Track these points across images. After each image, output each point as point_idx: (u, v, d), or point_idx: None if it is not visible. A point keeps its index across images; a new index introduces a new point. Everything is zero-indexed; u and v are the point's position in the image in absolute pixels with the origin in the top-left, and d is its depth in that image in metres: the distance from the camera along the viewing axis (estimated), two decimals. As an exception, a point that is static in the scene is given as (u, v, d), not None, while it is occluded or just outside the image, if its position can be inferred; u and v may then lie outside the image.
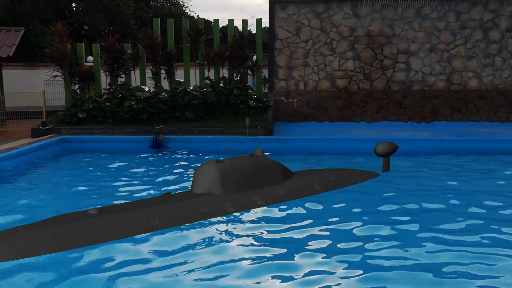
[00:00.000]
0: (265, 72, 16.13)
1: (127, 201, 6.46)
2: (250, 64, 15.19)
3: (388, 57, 15.13)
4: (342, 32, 15.10)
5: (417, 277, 4.26)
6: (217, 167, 6.43)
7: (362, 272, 4.39)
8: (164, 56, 14.93)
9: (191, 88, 14.65)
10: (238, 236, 5.38)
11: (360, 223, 5.79)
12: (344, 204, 6.61)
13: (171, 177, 8.62)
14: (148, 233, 5.31)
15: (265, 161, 7.12)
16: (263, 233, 5.49)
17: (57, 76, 14.48)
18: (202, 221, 5.78)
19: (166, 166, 9.83)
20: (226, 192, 6.32)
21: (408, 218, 6.02)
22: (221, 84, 14.54)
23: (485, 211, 6.38)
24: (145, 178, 8.49)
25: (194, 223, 5.71)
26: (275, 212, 6.26)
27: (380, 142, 8.47)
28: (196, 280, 4.27)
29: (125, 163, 10.08)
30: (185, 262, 4.63)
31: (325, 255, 4.77)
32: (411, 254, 4.79)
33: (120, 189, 7.62)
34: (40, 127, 12.99)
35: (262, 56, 15.64)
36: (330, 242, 5.15)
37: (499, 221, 5.93)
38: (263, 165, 6.99)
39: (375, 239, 5.23)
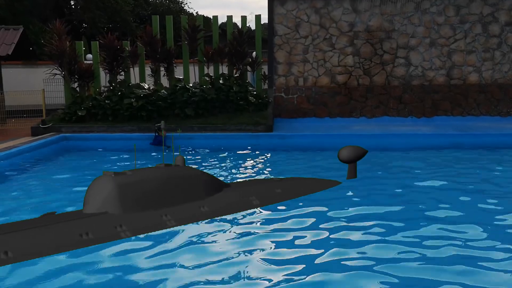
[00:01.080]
0: (265, 69, 16.10)
1: None
2: (250, 60, 15.16)
3: (387, 52, 15.10)
4: (342, 27, 15.06)
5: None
6: (114, 181, 5.36)
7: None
8: (163, 53, 14.90)
9: (191, 85, 14.63)
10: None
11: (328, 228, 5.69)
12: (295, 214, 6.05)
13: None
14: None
15: (185, 172, 6.05)
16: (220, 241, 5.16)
17: (56, 74, 14.47)
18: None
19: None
20: (125, 212, 5.26)
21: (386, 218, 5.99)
22: (220, 81, 14.53)
23: (484, 206, 6.38)
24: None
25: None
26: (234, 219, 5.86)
27: (345, 147, 7.68)
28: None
29: (125, 161, 10.08)
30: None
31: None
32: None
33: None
34: (40, 126, 13.00)
35: (262, 52, 15.61)
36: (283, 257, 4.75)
37: (498, 217, 5.92)
38: (181, 177, 5.93)
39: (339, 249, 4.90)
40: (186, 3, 47.42)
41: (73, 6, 31.61)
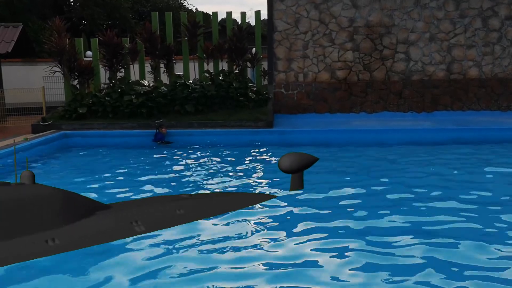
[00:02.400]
0: (265, 65, 16.09)
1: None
2: (250, 56, 15.15)
3: (387, 47, 15.08)
4: (341, 23, 15.04)
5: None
6: None
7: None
8: (163, 50, 14.89)
9: (191, 81, 14.63)
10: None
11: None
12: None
13: (170, 171, 8.64)
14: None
15: (28, 193, 4.67)
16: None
17: (56, 71, 14.47)
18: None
19: (166, 160, 9.84)
20: None
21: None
22: (220, 77, 14.52)
23: (484, 202, 6.39)
24: (145, 173, 8.51)
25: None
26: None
27: (287, 154, 6.66)
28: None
29: (125, 158, 10.10)
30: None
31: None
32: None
33: (121, 184, 7.64)
34: (40, 123, 13.00)
35: (262, 48, 15.60)
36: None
37: (498, 214, 5.93)
38: (19, 200, 4.54)
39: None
40: (185, 0, 47.32)
41: (72, 3, 31.56)
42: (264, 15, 31.63)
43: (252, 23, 18.86)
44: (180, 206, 5.63)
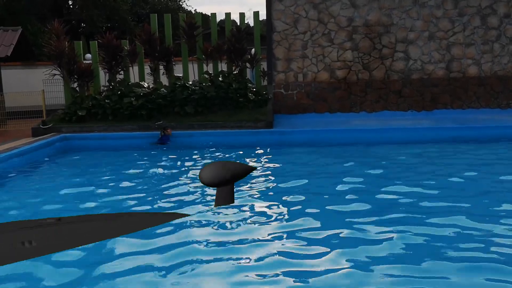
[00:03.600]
0: (264, 65, 16.09)
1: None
2: (249, 57, 15.16)
3: (386, 46, 15.08)
4: (340, 22, 15.04)
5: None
6: None
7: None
8: (162, 52, 14.90)
9: (190, 83, 14.64)
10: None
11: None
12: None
13: (172, 172, 8.65)
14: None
15: None
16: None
17: (55, 74, 14.48)
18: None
19: (167, 162, 9.85)
20: None
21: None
22: (220, 78, 14.53)
23: (482, 201, 6.39)
24: (146, 174, 8.52)
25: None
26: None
27: (210, 164, 5.83)
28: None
29: (126, 160, 10.11)
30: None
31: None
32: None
33: (121, 187, 7.65)
34: (41, 126, 13.01)
35: (261, 49, 15.60)
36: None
37: (497, 213, 5.93)
38: None
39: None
40: (184, 1, 47.39)
41: (71, 6, 31.61)
42: (263, 15, 31.89)
43: (251, 23, 18.87)
44: (34, 235, 4.38)
